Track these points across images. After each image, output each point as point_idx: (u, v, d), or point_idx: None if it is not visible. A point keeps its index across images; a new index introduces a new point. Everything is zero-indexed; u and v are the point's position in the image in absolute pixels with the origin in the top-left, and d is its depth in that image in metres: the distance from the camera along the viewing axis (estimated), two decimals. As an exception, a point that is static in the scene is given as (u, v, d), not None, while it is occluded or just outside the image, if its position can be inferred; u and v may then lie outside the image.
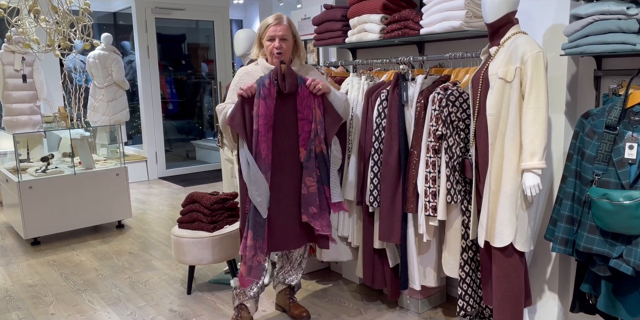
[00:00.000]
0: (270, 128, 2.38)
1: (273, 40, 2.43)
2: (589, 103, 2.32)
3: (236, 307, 2.66)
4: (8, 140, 4.90)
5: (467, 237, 2.43)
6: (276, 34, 2.42)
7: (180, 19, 7.07)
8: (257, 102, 2.34)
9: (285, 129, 2.42)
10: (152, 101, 6.77)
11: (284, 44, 2.43)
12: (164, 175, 6.96)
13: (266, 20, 2.46)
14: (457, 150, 2.38)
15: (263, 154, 2.36)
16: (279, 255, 2.77)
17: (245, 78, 2.49)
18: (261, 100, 2.34)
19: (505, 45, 2.14)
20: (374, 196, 2.64)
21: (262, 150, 2.36)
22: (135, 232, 4.48)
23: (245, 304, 2.63)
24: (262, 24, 2.49)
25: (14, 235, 4.44)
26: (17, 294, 3.21)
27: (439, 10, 2.47)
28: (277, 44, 2.42)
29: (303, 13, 3.74)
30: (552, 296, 2.47)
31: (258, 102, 2.34)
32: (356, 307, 2.92)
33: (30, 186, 4.03)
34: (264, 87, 2.35)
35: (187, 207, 3.15)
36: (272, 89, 2.36)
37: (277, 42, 2.42)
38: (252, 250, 2.40)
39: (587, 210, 2.00)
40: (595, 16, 2.00)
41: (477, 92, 2.23)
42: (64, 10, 4.11)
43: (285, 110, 2.41)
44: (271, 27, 2.42)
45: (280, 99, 2.40)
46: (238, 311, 2.64)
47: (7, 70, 5.35)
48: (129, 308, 2.98)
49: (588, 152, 2.02)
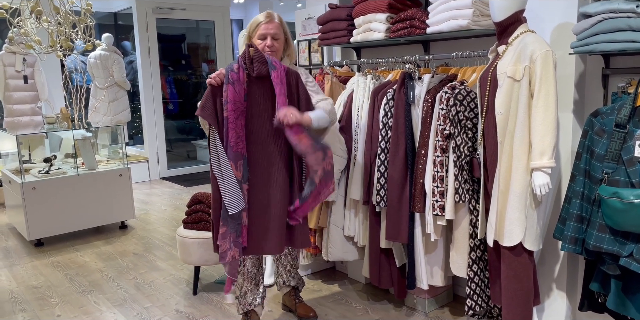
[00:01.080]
0: (240, 114, 2.24)
1: (265, 39, 2.37)
2: (597, 101, 2.31)
3: (244, 314, 2.61)
4: (10, 141, 4.88)
5: (475, 237, 2.42)
6: (268, 32, 2.36)
7: (180, 19, 7.06)
8: (225, 88, 2.22)
9: (258, 117, 2.29)
10: (153, 101, 6.76)
11: (275, 42, 2.39)
12: (166, 176, 6.96)
13: (256, 18, 2.41)
14: (465, 149, 2.38)
15: (232, 142, 2.23)
16: (272, 260, 2.76)
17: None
18: (229, 85, 2.22)
19: (513, 44, 2.14)
20: (381, 196, 2.63)
21: (231, 137, 2.22)
22: (139, 233, 4.47)
23: (254, 309, 2.60)
24: (252, 21, 2.42)
25: (17, 237, 4.43)
26: (23, 296, 3.20)
27: (446, 9, 2.47)
28: (269, 42, 2.37)
29: (307, 12, 3.73)
30: (560, 295, 2.47)
31: (227, 88, 2.22)
32: (362, 307, 2.91)
33: (33, 187, 4.02)
34: (232, 72, 2.23)
35: (192, 208, 3.14)
36: (241, 73, 2.24)
37: (269, 41, 2.37)
38: (225, 242, 2.25)
39: (597, 208, 2.00)
40: (604, 14, 1.99)
41: (485, 91, 2.22)
42: (66, 11, 4.10)
43: (260, 95, 2.28)
44: (263, 25, 2.37)
45: (253, 85, 2.28)
46: (247, 318, 2.61)
47: (8, 71, 5.34)
48: (135, 309, 2.97)
49: (597, 150, 2.02)
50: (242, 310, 2.59)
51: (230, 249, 2.27)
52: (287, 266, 2.74)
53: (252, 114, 2.28)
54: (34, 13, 4.00)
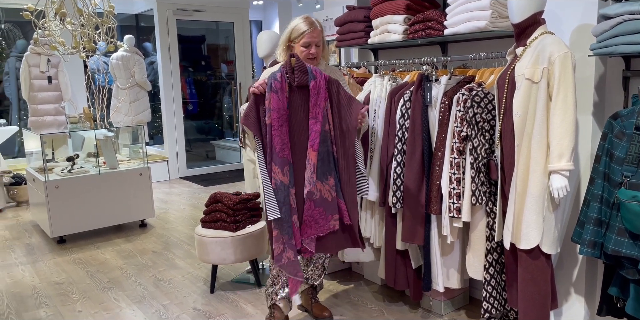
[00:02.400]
0: (284, 122, 2.31)
1: (308, 46, 2.42)
2: (617, 104, 2.28)
3: (269, 307, 2.66)
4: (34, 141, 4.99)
5: (492, 239, 2.41)
6: (312, 40, 2.41)
7: (200, 20, 7.14)
8: (268, 96, 2.30)
9: (299, 126, 2.36)
10: (173, 102, 6.84)
11: (318, 49, 2.45)
12: (185, 175, 7.04)
13: (299, 25, 2.42)
14: (482, 151, 2.37)
15: (277, 148, 2.30)
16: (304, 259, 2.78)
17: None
18: (273, 93, 2.29)
19: (532, 46, 2.12)
20: (397, 197, 2.63)
21: (276, 144, 2.30)
22: (158, 231, 4.54)
23: (277, 304, 2.64)
24: (295, 28, 2.43)
25: (41, 234, 4.53)
26: (45, 292, 3.28)
27: (464, 10, 2.46)
28: (313, 50, 2.42)
29: (325, 14, 3.75)
30: (578, 299, 2.44)
31: (269, 96, 2.29)
32: (378, 308, 2.92)
33: (56, 186, 4.11)
34: (275, 80, 2.30)
35: (210, 207, 3.18)
36: (283, 82, 2.31)
37: (314, 49, 2.42)
38: (279, 245, 2.34)
39: (616, 212, 1.98)
40: (624, 16, 1.97)
41: (503, 93, 2.21)
42: (89, 13, 4.18)
43: (299, 106, 2.35)
44: (308, 33, 2.40)
45: (294, 94, 2.34)
46: (271, 311, 2.65)
47: (33, 72, 5.46)
48: (154, 306, 3.02)
49: (617, 153, 1.99)
50: (269, 302, 2.64)
51: (285, 251, 2.35)
52: (317, 261, 2.74)
53: (293, 122, 2.36)
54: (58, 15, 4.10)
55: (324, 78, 2.35)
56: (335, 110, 2.40)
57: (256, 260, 3.24)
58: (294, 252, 2.37)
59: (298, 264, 2.40)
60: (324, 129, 2.35)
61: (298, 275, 2.40)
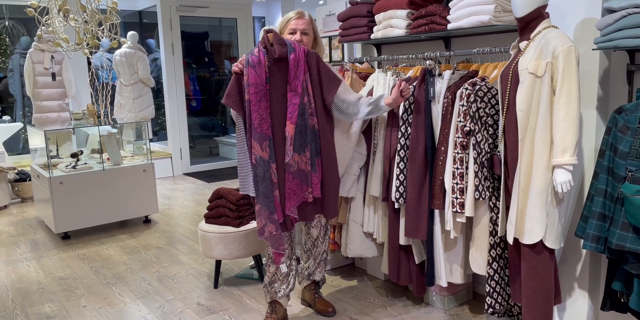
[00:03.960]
0: (263, 97, 2.32)
1: (294, 34, 2.48)
2: (621, 98, 2.27)
3: (270, 303, 2.67)
4: (39, 137, 5.01)
5: (495, 234, 2.41)
6: (298, 27, 2.47)
7: (203, 17, 7.14)
8: (246, 71, 2.31)
9: (279, 100, 2.37)
10: (176, 98, 6.85)
11: (304, 37, 2.49)
12: (188, 171, 7.05)
13: (287, 14, 2.51)
14: (486, 146, 2.36)
15: (255, 123, 2.32)
16: (302, 251, 2.79)
17: None
18: (250, 68, 2.30)
19: (535, 40, 2.11)
20: (400, 192, 2.63)
21: (255, 119, 2.32)
22: (162, 227, 4.55)
23: (278, 300, 2.65)
24: (283, 18, 2.52)
25: (45, 230, 4.56)
26: (50, 287, 3.30)
27: (467, 4, 2.45)
28: (298, 36, 2.48)
29: (328, 9, 3.74)
30: (582, 294, 2.44)
31: (247, 72, 2.30)
32: (381, 303, 2.92)
33: (60, 182, 4.12)
34: (252, 55, 2.31)
35: (214, 203, 3.19)
36: (261, 56, 2.32)
37: (299, 35, 2.48)
38: (261, 219, 2.40)
39: (620, 207, 1.97)
40: (629, 9, 1.96)
41: (506, 88, 2.20)
42: (92, 9, 4.19)
43: (279, 80, 2.36)
44: (293, 21, 2.48)
45: (274, 68, 2.35)
46: (272, 307, 2.66)
47: (37, 69, 5.48)
48: (158, 301, 3.04)
49: (621, 148, 1.98)
50: (269, 299, 2.64)
51: (267, 225, 2.40)
52: (317, 256, 2.75)
53: (273, 96, 2.37)
54: (62, 11, 4.10)
55: (302, 51, 2.38)
56: (314, 82, 2.42)
57: (259, 255, 3.25)
58: (276, 226, 2.41)
59: (281, 238, 2.49)
60: (302, 101, 2.37)
61: (280, 248, 2.50)
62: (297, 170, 2.41)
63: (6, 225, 4.75)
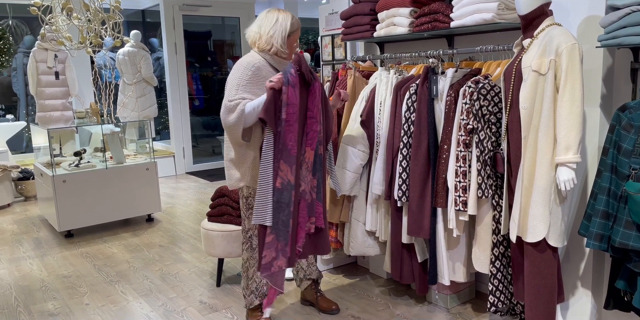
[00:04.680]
0: (297, 119, 2.21)
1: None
2: (625, 96, 2.26)
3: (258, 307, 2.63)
4: (42, 136, 5.03)
5: (498, 233, 2.40)
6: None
7: (206, 16, 7.14)
8: (285, 89, 2.18)
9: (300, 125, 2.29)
10: (179, 97, 6.86)
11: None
12: (191, 170, 7.06)
13: (293, 19, 2.46)
14: (489, 144, 2.36)
15: (289, 145, 2.20)
16: None
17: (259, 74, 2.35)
18: (290, 88, 2.19)
19: (539, 38, 2.11)
20: (403, 190, 2.63)
21: (289, 140, 2.20)
22: (165, 226, 4.56)
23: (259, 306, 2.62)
24: (294, 21, 2.46)
25: (49, 228, 4.57)
26: (53, 285, 3.31)
27: (470, 2, 2.44)
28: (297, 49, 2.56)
29: (330, 8, 3.74)
30: (585, 293, 2.43)
31: (287, 90, 2.18)
32: (384, 302, 2.92)
33: (64, 180, 4.13)
34: (291, 75, 2.21)
35: (216, 201, 3.19)
36: (298, 78, 2.24)
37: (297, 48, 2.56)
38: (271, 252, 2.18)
39: (624, 205, 1.96)
40: (633, 7, 1.95)
41: (509, 85, 2.20)
42: (96, 8, 4.20)
43: (304, 103, 2.31)
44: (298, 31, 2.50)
45: (302, 91, 2.28)
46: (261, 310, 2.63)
47: (40, 68, 5.49)
48: (160, 299, 3.04)
49: (625, 145, 1.98)
50: (257, 301, 2.59)
51: (277, 259, 2.20)
52: (309, 258, 2.76)
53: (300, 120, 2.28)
54: (65, 10, 4.11)
55: (317, 80, 2.33)
56: (323, 112, 2.39)
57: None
58: (286, 261, 2.22)
59: (284, 275, 2.32)
60: (319, 129, 2.33)
61: (282, 286, 2.32)
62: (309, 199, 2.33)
63: (9, 223, 4.77)
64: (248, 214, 2.49)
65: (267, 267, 2.21)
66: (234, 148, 2.42)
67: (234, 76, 2.36)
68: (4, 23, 6.72)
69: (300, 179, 2.30)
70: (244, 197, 2.49)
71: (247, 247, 2.53)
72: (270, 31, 2.39)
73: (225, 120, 2.30)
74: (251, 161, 2.41)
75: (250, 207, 2.47)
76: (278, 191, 2.21)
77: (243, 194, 2.49)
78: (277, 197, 2.21)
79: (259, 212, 2.21)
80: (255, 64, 2.36)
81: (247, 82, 2.33)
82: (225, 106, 2.30)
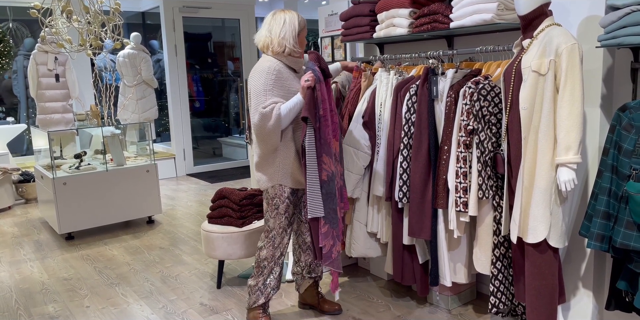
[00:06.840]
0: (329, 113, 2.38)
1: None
2: (625, 96, 2.26)
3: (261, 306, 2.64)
4: (42, 138, 5.03)
5: (499, 233, 2.40)
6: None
7: (206, 18, 7.15)
8: (318, 86, 2.32)
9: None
10: (179, 99, 6.86)
11: None
12: (192, 172, 7.06)
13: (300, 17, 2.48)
14: (489, 145, 2.35)
15: (328, 138, 2.35)
16: (293, 249, 2.78)
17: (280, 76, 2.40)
18: (321, 84, 2.34)
19: (538, 38, 2.10)
20: (403, 192, 2.62)
21: (327, 134, 2.34)
22: (165, 228, 4.56)
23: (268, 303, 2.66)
24: (301, 19, 2.47)
25: (49, 231, 4.57)
26: (53, 287, 3.30)
27: (470, 3, 2.44)
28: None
29: (330, 9, 3.74)
30: (586, 293, 2.42)
31: (320, 87, 2.32)
32: (385, 303, 2.91)
33: (64, 182, 4.13)
34: (317, 72, 2.35)
35: (217, 203, 3.19)
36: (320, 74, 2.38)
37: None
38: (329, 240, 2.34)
39: (625, 205, 1.96)
40: (632, 6, 1.95)
41: (509, 86, 2.19)
42: (95, 10, 4.20)
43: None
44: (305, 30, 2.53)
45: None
46: (263, 308, 2.65)
47: (40, 70, 5.50)
48: (161, 301, 3.04)
49: (625, 146, 1.97)
50: (263, 300, 2.61)
51: (335, 245, 2.37)
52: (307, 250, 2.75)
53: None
54: (65, 13, 4.11)
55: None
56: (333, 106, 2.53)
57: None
58: (340, 244, 2.41)
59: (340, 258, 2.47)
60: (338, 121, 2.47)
61: (340, 267, 2.46)
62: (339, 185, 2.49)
63: (10, 226, 4.77)
64: (273, 214, 2.52)
65: (328, 255, 2.36)
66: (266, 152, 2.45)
67: (258, 82, 2.37)
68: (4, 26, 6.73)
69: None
70: (269, 198, 2.52)
71: (269, 245, 2.55)
72: (281, 33, 2.41)
73: (264, 126, 2.31)
74: (281, 160, 2.46)
75: (277, 208, 2.51)
76: (325, 183, 2.35)
77: (269, 195, 2.51)
78: (325, 189, 2.35)
79: (312, 207, 2.32)
80: (275, 67, 2.39)
81: (273, 86, 2.36)
82: (260, 114, 2.31)
